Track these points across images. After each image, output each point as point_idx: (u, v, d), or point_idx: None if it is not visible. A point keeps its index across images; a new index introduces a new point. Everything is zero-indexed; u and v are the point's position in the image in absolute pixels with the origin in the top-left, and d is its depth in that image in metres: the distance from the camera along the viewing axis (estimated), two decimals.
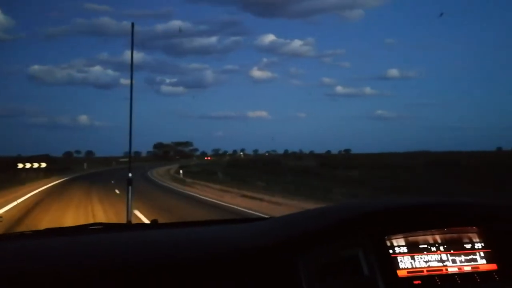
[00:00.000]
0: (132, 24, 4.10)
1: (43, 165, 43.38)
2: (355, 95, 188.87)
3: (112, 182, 28.32)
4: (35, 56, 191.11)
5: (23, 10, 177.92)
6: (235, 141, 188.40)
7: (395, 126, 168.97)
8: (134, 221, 3.90)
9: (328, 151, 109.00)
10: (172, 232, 1.76)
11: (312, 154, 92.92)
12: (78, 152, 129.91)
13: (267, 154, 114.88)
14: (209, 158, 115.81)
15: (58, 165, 56.04)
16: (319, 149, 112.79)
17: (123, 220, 5.35)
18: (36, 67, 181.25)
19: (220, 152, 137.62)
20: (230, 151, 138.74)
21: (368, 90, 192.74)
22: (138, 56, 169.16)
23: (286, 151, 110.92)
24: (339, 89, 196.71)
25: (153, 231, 1.77)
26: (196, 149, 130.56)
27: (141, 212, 12.52)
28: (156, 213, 12.99)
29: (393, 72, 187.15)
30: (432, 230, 1.43)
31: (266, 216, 1.94)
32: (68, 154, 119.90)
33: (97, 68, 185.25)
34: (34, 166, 41.85)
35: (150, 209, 14.02)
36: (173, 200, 18.44)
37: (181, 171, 38.96)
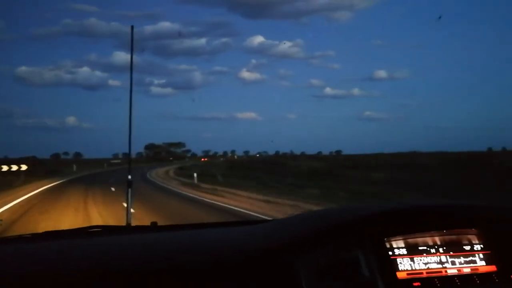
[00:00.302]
0: (132, 28, 3.82)
1: (24, 167, 37.43)
2: (344, 96, 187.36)
3: (113, 189, 23.06)
4: (22, 57, 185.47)
5: (10, 10, 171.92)
6: (224, 142, 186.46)
7: (384, 127, 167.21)
8: None
9: (319, 152, 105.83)
10: (174, 234, 1.73)
11: (304, 155, 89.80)
12: (66, 154, 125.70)
13: (258, 155, 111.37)
14: (205, 159, 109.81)
15: (46, 167, 50.40)
16: (310, 150, 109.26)
17: None
18: (23, 68, 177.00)
19: (210, 153, 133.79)
20: (220, 152, 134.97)
21: (357, 91, 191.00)
22: (127, 57, 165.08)
23: (277, 152, 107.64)
24: (328, 90, 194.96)
25: (154, 233, 1.74)
26: (188, 150, 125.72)
27: None
28: None
29: (382, 73, 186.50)
30: (432, 232, 1.43)
31: (268, 218, 1.45)
32: (55, 156, 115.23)
33: (85, 69, 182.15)
34: (12, 169, 35.77)
35: None
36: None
37: (195, 175, 32.40)
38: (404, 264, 1.36)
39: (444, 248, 1.41)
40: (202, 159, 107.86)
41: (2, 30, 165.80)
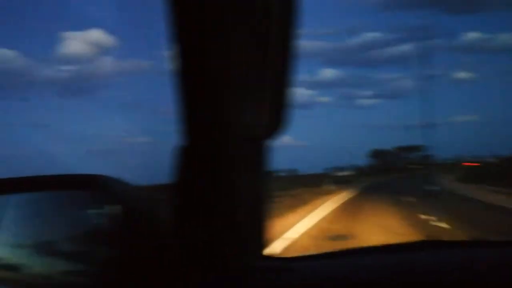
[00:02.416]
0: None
1: None
2: None
3: None
4: None
5: None
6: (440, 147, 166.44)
7: None
8: None
9: None
10: None
11: None
12: (281, 171, 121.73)
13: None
14: (474, 163, 71.44)
15: None
16: None
17: None
18: None
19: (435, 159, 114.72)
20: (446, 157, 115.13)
21: None
22: (331, 72, 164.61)
23: None
24: None
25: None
26: (428, 155, 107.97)
27: None
28: None
29: None
30: None
31: None
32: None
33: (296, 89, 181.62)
34: None
35: None
36: None
37: None
38: None
39: None
40: (470, 164, 71.50)
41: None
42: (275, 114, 1.02)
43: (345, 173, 58.35)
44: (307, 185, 36.36)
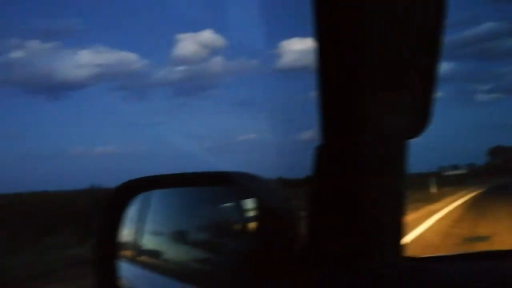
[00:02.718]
0: None
1: None
2: None
3: None
4: None
5: None
6: None
7: None
8: None
9: None
10: None
11: None
12: None
13: None
14: None
15: None
16: None
17: None
18: None
19: None
20: None
21: None
22: (444, 66, 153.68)
23: None
24: None
25: None
26: None
27: None
28: None
29: None
30: None
31: None
32: None
33: None
34: None
35: None
36: None
37: None
38: None
39: None
40: None
41: None
42: (417, 112, 0.98)
43: (458, 171, 50.71)
44: (410, 187, 29.64)
